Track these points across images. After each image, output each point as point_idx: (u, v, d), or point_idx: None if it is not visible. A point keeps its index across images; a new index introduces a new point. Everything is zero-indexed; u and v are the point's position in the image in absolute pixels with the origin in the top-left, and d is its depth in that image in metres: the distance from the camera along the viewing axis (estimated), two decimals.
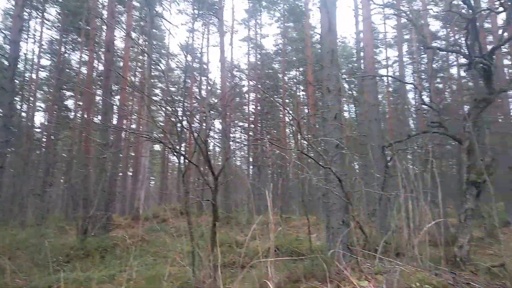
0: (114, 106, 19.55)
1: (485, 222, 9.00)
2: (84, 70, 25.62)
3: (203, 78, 30.49)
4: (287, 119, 28.82)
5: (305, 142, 5.80)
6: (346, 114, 27.83)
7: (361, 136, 10.70)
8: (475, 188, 5.57)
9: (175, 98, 23.14)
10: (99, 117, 18.94)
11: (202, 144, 4.97)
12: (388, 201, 5.10)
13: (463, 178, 6.04)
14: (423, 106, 11.85)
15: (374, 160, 7.13)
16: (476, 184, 5.56)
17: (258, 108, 31.47)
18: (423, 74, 26.69)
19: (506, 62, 19.81)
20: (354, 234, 4.34)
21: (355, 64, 26.80)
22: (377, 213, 5.26)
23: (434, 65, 25.00)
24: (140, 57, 30.67)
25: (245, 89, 34.95)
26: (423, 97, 9.57)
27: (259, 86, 29.56)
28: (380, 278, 3.07)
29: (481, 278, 3.18)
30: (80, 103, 25.29)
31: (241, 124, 37.28)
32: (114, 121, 20.18)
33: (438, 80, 27.35)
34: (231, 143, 29.52)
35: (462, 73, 28.03)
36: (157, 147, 37.04)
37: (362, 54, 17.05)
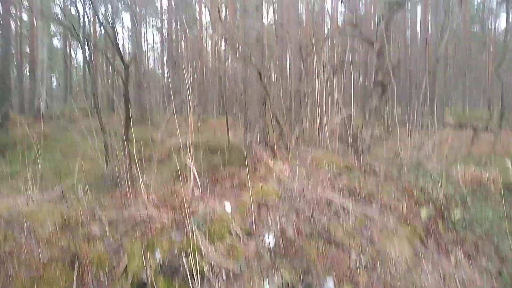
0: None
1: (384, 122, 9.99)
2: None
3: None
4: (204, 21, 27.19)
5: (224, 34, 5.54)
6: (265, 21, 27.13)
7: (279, 34, 10.68)
8: (381, 88, 6.03)
9: None
10: None
11: (109, 27, 4.45)
12: (304, 97, 5.29)
13: (367, 85, 6.45)
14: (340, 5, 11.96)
15: (292, 59, 7.20)
16: (382, 84, 6.00)
17: (172, 5, 28.90)
18: None
19: None
20: (271, 125, 4.49)
21: None
22: (292, 107, 5.46)
23: None
24: None
25: None
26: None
27: None
28: (294, 162, 3.27)
29: (381, 163, 3.58)
30: None
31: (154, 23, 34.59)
32: None
33: None
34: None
35: None
36: (56, 43, 32.98)
37: None
